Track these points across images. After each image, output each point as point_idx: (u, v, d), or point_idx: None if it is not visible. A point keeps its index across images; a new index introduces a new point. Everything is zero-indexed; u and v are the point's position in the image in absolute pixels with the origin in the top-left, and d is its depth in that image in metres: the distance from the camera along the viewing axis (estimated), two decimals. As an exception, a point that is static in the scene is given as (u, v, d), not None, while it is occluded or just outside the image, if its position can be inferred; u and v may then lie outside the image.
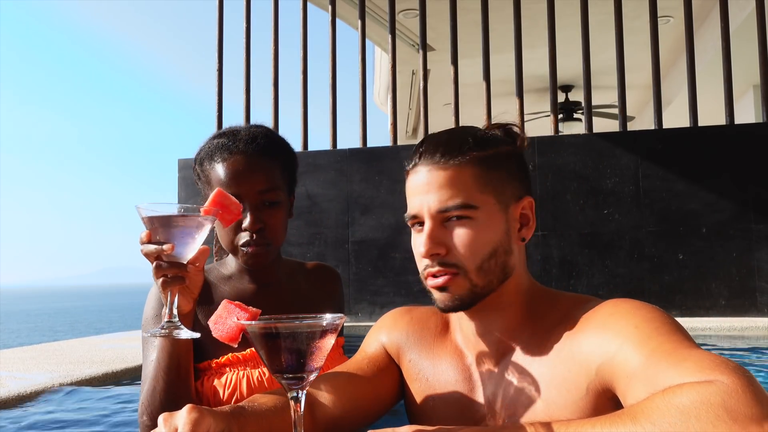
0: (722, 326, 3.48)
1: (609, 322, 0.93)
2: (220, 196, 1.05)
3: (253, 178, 1.29)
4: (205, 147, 1.36)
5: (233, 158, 1.30)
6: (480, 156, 1.00)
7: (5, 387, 2.15)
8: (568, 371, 0.95)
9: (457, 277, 0.99)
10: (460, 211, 0.98)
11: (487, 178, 1.00)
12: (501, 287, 1.03)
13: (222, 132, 1.38)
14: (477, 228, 0.98)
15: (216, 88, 4.84)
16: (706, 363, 0.77)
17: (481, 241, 0.98)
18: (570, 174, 4.11)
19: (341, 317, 0.82)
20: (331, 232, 4.49)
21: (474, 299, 1.01)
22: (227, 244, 1.32)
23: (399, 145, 4.60)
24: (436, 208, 0.99)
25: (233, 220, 1.07)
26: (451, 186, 0.99)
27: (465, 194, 0.98)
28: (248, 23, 4.84)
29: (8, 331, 21.55)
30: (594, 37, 4.51)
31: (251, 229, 1.28)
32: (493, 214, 1.00)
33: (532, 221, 1.05)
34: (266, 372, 1.29)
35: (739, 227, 3.92)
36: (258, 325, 0.81)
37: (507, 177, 1.02)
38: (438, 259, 0.99)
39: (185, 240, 1.01)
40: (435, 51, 6.22)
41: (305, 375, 0.80)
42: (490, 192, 1.00)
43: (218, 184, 1.29)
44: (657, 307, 0.96)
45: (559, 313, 1.02)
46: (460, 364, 1.10)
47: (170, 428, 0.81)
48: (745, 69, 5.64)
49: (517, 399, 1.00)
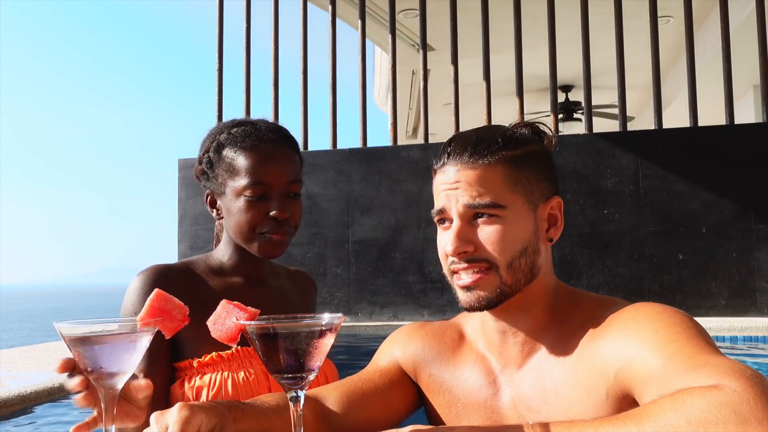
0: (722, 326, 3.48)
1: (629, 326, 0.93)
2: (161, 299, 0.86)
3: (284, 167, 1.29)
4: (223, 135, 1.33)
5: (264, 146, 1.29)
6: (509, 155, 1.00)
7: (6, 387, 2.15)
8: (588, 375, 0.95)
9: (489, 272, 0.98)
10: (489, 209, 0.97)
11: (517, 177, 0.99)
12: (527, 287, 1.03)
13: (238, 121, 1.36)
14: (506, 226, 0.98)
15: (216, 88, 4.84)
16: (721, 369, 0.76)
17: (510, 239, 0.98)
18: (570, 174, 4.11)
19: (340, 317, 0.82)
20: (331, 232, 4.49)
21: (501, 298, 1.00)
22: (245, 231, 1.28)
23: (399, 145, 4.60)
24: (465, 204, 0.98)
25: (178, 328, 0.88)
26: (480, 185, 0.98)
27: (494, 193, 0.98)
28: (248, 23, 4.85)
29: (9, 331, 21.57)
30: (594, 37, 4.51)
31: (281, 217, 1.27)
32: (522, 213, 0.99)
33: (560, 221, 1.04)
34: (252, 373, 1.26)
35: (739, 227, 3.92)
36: (257, 325, 0.81)
37: (536, 176, 1.01)
38: (465, 257, 0.99)
39: (119, 360, 0.81)
40: (435, 51, 6.22)
41: (304, 375, 0.80)
42: (520, 191, 0.99)
43: (246, 170, 1.27)
44: (681, 311, 0.94)
45: (583, 315, 1.01)
46: (484, 369, 1.09)
47: (161, 426, 0.81)
48: (745, 69, 5.63)
49: (541, 401, 1.00)
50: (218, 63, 4.85)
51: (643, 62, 5.21)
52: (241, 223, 1.28)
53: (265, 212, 1.27)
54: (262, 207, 1.27)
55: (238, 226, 1.29)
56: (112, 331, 0.81)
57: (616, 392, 0.92)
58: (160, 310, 0.86)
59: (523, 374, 1.04)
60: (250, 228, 1.28)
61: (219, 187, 1.31)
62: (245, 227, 1.28)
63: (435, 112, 5.65)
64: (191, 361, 1.26)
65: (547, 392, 0.99)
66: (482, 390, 1.08)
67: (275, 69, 4.73)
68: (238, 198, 1.27)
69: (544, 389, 1.00)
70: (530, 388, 1.02)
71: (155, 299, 0.86)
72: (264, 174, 1.27)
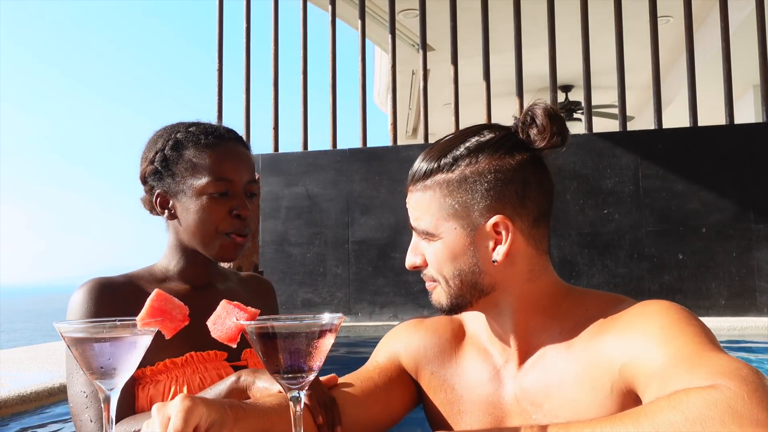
0: (722, 326, 3.48)
1: (634, 322, 0.93)
2: (161, 299, 0.85)
3: (245, 165, 1.30)
4: (180, 134, 1.31)
5: (226, 144, 1.29)
6: (444, 180, 0.99)
7: (5, 387, 2.15)
8: (593, 370, 0.95)
9: (437, 286, 1.03)
10: (423, 235, 1.02)
11: (450, 203, 0.99)
12: (519, 291, 1.02)
13: (188, 123, 1.34)
14: (441, 248, 1.00)
15: (216, 88, 4.84)
16: (719, 368, 0.76)
17: (445, 260, 1.00)
18: (570, 174, 4.11)
19: (340, 317, 0.82)
20: (331, 232, 4.49)
21: (457, 309, 1.03)
22: (207, 229, 1.26)
23: (399, 145, 4.60)
24: (411, 224, 1.04)
25: (178, 328, 0.87)
26: (416, 209, 1.02)
27: (427, 220, 1.00)
28: (248, 23, 4.85)
29: (9, 331, 21.56)
30: (594, 37, 4.51)
31: (244, 215, 1.26)
32: (457, 238, 0.99)
33: (507, 239, 0.98)
34: (207, 378, 1.22)
35: (738, 227, 3.92)
36: (257, 326, 0.81)
37: (472, 199, 0.98)
38: (417, 270, 1.04)
39: (119, 361, 0.81)
40: (435, 51, 6.22)
41: (304, 375, 0.80)
42: (453, 216, 0.99)
43: (208, 169, 1.26)
44: (685, 308, 0.95)
45: (588, 313, 1.01)
46: (486, 364, 1.09)
47: (163, 417, 0.81)
48: (744, 69, 5.63)
49: (544, 396, 1.00)
50: (218, 63, 4.85)
51: (642, 62, 5.22)
52: (204, 221, 1.26)
53: (228, 210, 1.26)
54: (224, 204, 1.26)
55: (199, 224, 1.26)
56: (112, 332, 0.81)
57: (620, 387, 0.92)
58: (161, 310, 0.85)
59: (525, 369, 1.04)
60: (213, 228, 1.26)
61: (176, 186, 1.29)
62: (207, 226, 1.26)
63: (435, 112, 5.65)
64: (144, 369, 1.23)
65: (551, 387, 0.99)
66: (484, 385, 1.08)
67: (275, 69, 4.74)
68: (199, 197, 1.26)
69: (548, 384, 1.00)
70: (533, 382, 1.02)
71: (155, 299, 0.85)
72: (227, 171, 1.26)
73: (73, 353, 0.81)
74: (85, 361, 0.80)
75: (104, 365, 0.80)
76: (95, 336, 0.79)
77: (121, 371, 0.81)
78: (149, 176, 1.33)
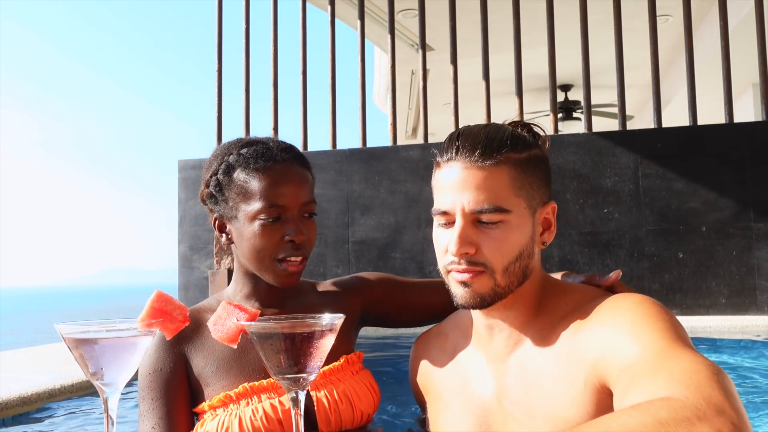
0: (722, 325, 3.48)
1: (607, 317, 0.94)
2: (161, 300, 0.86)
3: (299, 188, 1.24)
4: (232, 156, 1.27)
5: (277, 167, 1.24)
6: (516, 158, 1.00)
7: (7, 389, 2.15)
8: (569, 365, 0.96)
9: (483, 275, 0.99)
10: (493, 214, 0.98)
11: (522, 181, 1.00)
12: (518, 288, 1.03)
13: (246, 141, 1.31)
14: (508, 230, 0.99)
15: (216, 88, 4.84)
16: (682, 373, 0.75)
17: (511, 243, 0.99)
18: (570, 173, 4.11)
19: (340, 317, 0.82)
20: (331, 232, 4.49)
21: (494, 299, 1.01)
22: (261, 257, 1.22)
23: (399, 145, 4.60)
24: (471, 208, 0.98)
25: (178, 328, 0.88)
26: (486, 187, 0.98)
27: (500, 197, 0.98)
28: (248, 24, 4.85)
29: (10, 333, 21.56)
30: (593, 36, 4.51)
31: (298, 240, 1.21)
32: (523, 218, 1.00)
33: (553, 226, 1.06)
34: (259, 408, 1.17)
35: (739, 226, 3.92)
36: (257, 326, 0.81)
37: (537, 181, 1.02)
38: (466, 258, 0.99)
39: (120, 361, 0.81)
40: (434, 51, 6.22)
41: (305, 375, 0.80)
42: (523, 196, 1.00)
43: (260, 193, 1.22)
44: (658, 302, 0.95)
45: (567, 307, 1.02)
46: (472, 365, 1.11)
47: None
48: (744, 67, 5.63)
49: (523, 394, 1.01)
50: (218, 63, 4.85)
51: (642, 61, 5.21)
52: (257, 248, 1.23)
53: (281, 236, 1.22)
54: (277, 230, 1.22)
55: (253, 251, 1.23)
56: (112, 332, 0.81)
57: (593, 382, 0.93)
58: (161, 311, 0.86)
59: (507, 367, 1.05)
60: (266, 254, 1.23)
61: (230, 211, 1.26)
62: (261, 253, 1.23)
63: (434, 112, 5.65)
64: (202, 405, 1.22)
65: (530, 385, 1.00)
66: (469, 386, 1.09)
67: (275, 69, 4.74)
68: (252, 222, 1.22)
69: (527, 382, 1.01)
70: (514, 381, 1.03)
71: (155, 300, 0.86)
72: (279, 196, 1.22)
73: (74, 354, 0.81)
74: (85, 363, 0.81)
75: (105, 366, 0.80)
76: (95, 337, 0.80)
77: (122, 372, 0.81)
78: (207, 200, 1.31)
